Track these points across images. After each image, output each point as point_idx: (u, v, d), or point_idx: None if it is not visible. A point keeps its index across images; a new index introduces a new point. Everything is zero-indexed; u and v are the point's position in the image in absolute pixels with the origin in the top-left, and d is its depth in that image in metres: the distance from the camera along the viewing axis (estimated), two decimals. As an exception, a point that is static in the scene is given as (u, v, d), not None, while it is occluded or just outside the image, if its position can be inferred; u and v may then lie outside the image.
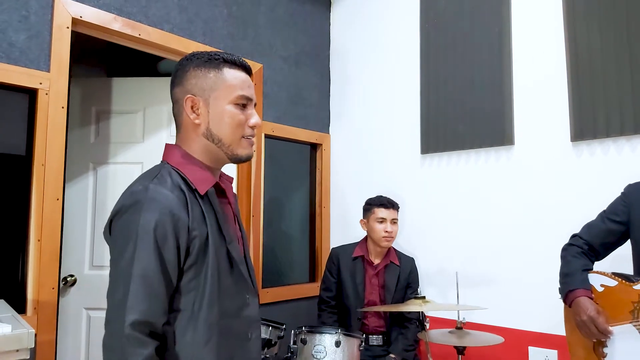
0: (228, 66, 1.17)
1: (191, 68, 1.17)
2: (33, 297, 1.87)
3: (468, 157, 2.58)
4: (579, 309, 1.61)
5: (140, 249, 1.01)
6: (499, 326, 2.33)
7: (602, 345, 1.60)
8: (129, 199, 1.06)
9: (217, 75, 1.15)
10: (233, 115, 1.15)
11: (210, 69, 1.16)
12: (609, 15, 2.13)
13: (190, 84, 1.16)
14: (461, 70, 2.61)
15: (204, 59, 1.17)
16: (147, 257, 1.01)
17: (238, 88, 1.16)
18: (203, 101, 1.15)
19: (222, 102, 1.15)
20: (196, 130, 1.16)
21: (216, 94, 1.15)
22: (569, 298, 1.66)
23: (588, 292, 1.63)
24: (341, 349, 1.86)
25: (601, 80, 2.13)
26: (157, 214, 1.03)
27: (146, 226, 1.02)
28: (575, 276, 1.68)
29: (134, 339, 0.98)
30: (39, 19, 1.93)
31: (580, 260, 1.71)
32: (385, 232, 2.44)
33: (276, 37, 2.93)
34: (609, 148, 2.13)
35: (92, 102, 2.72)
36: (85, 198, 2.66)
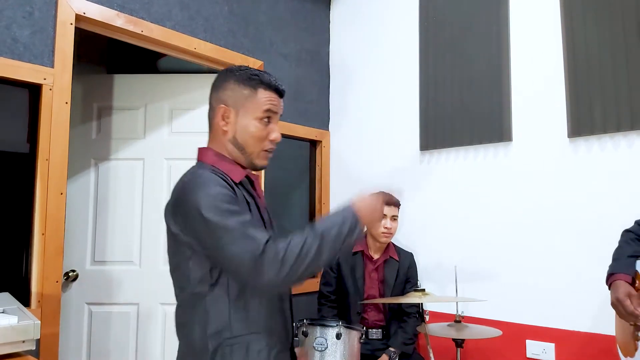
0: (263, 87, 1.30)
1: (231, 80, 1.31)
2: (37, 290, 1.89)
3: (467, 154, 2.61)
4: (613, 290, 1.64)
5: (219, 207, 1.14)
6: (497, 320, 2.37)
7: (638, 329, 1.62)
8: (186, 186, 1.21)
9: (251, 94, 1.29)
10: (257, 129, 1.29)
11: (247, 86, 1.29)
12: (605, 13, 2.16)
13: (226, 94, 1.30)
14: (459, 67, 2.64)
15: (245, 76, 1.30)
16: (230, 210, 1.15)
17: (264, 105, 1.29)
18: (234, 112, 1.29)
19: (249, 117, 1.29)
20: (224, 136, 1.30)
21: (246, 109, 1.29)
22: (609, 280, 1.69)
23: (627, 277, 1.65)
24: (342, 341, 1.89)
25: (598, 77, 2.16)
26: (218, 186, 1.18)
27: (212, 195, 1.15)
28: (620, 261, 1.71)
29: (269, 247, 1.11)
30: (43, 15, 1.95)
31: (631, 246, 1.73)
32: (385, 228, 2.47)
33: (277, 34, 2.95)
34: (606, 144, 2.16)
35: (94, 98, 2.74)
36: (87, 194, 2.67)
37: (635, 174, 2.07)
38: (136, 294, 2.63)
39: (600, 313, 2.07)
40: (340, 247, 1.18)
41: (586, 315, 2.15)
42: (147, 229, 2.67)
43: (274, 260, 1.10)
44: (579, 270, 2.17)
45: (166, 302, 2.63)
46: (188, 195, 1.17)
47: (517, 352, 2.34)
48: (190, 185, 1.19)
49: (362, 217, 1.23)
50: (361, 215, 1.23)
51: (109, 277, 2.63)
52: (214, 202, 1.14)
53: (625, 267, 1.68)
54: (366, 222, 1.25)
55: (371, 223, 1.29)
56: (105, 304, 2.63)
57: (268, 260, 1.09)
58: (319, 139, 3.22)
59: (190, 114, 2.76)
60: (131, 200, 2.69)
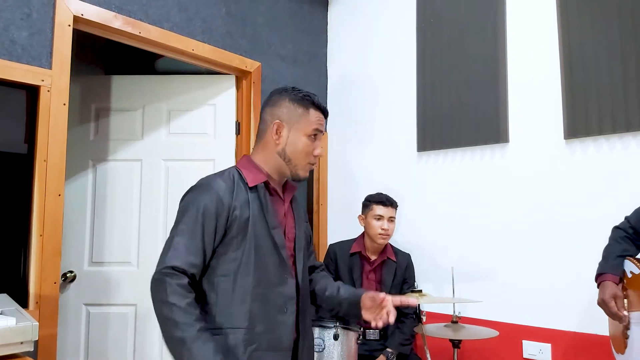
0: (314, 108, 1.47)
1: (287, 99, 1.47)
2: (35, 292, 1.90)
3: (464, 155, 2.62)
4: (601, 290, 1.68)
5: (186, 218, 1.34)
6: (494, 320, 2.38)
7: (626, 327, 1.66)
8: (195, 184, 1.42)
9: (304, 113, 1.46)
10: (306, 144, 1.46)
11: (300, 105, 1.46)
12: (601, 17, 2.18)
13: (281, 111, 1.46)
14: (457, 69, 2.65)
15: (299, 96, 1.47)
16: (191, 224, 1.32)
17: (314, 124, 1.47)
18: (287, 128, 1.45)
19: (300, 133, 1.45)
20: (274, 148, 1.46)
21: (298, 126, 1.45)
22: (598, 280, 1.73)
23: (615, 277, 1.69)
24: (339, 342, 1.90)
25: (594, 79, 2.18)
26: (208, 195, 1.35)
27: (198, 203, 1.34)
28: (609, 260, 1.74)
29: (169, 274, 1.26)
30: (41, 17, 1.96)
31: (620, 244, 1.76)
32: (382, 229, 2.48)
33: (274, 35, 2.96)
34: (602, 146, 2.18)
35: (92, 99, 2.74)
36: (85, 195, 2.68)
37: (631, 175, 2.08)
38: (134, 295, 2.63)
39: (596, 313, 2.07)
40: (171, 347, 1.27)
41: (582, 316, 2.16)
42: (145, 229, 2.68)
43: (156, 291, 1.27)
44: (575, 271, 2.18)
45: (164, 303, 2.64)
46: (187, 193, 1.41)
47: (514, 353, 2.35)
48: (195, 185, 1.41)
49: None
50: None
51: (107, 278, 2.63)
52: (191, 206, 1.35)
53: (613, 267, 1.71)
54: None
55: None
56: (103, 305, 2.63)
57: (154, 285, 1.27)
58: (316, 140, 3.22)
59: (188, 115, 2.77)
60: (129, 201, 2.69)
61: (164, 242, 2.80)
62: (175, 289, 1.24)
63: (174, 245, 1.30)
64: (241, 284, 1.34)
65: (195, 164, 2.72)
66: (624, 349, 1.66)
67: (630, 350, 1.62)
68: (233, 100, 2.79)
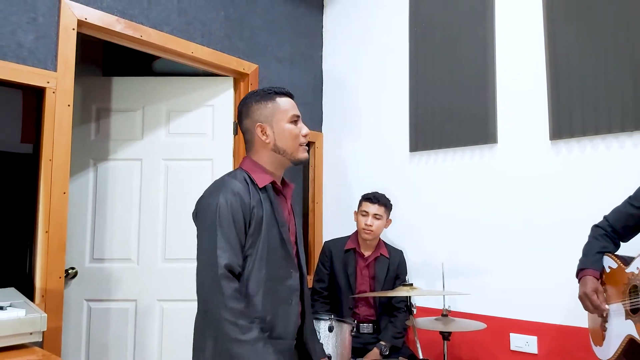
0: (279, 97, 1.58)
1: (253, 103, 1.58)
2: (41, 286, 1.96)
3: (454, 155, 2.71)
4: (582, 285, 1.77)
5: (221, 218, 1.40)
6: (482, 314, 2.46)
7: (604, 320, 1.74)
8: (211, 187, 1.49)
9: (274, 105, 1.56)
10: (291, 130, 1.56)
11: (267, 101, 1.56)
12: (586, 23, 2.27)
13: (256, 115, 1.57)
14: (448, 72, 2.73)
15: (261, 95, 1.58)
16: (227, 224, 1.40)
17: (290, 110, 1.57)
18: (268, 125, 1.55)
19: (282, 123, 1.55)
20: (266, 147, 1.56)
21: (276, 118, 1.55)
22: (579, 275, 1.82)
23: (595, 272, 1.77)
24: (334, 334, 1.98)
25: (578, 83, 2.27)
26: (230, 195, 1.43)
27: (223, 204, 1.41)
28: (589, 257, 1.83)
29: (225, 277, 1.35)
30: (46, 21, 2.03)
31: (599, 242, 1.84)
32: (365, 224, 2.56)
33: (271, 38, 3.04)
34: (586, 146, 2.26)
35: (93, 100, 2.80)
36: (86, 193, 2.73)
37: (613, 174, 2.17)
38: (134, 291, 2.70)
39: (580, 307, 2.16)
40: None
41: (566, 310, 2.24)
42: (145, 227, 2.74)
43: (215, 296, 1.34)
44: (559, 267, 2.26)
45: (163, 299, 2.70)
46: (207, 196, 1.47)
47: (502, 345, 2.44)
48: (213, 187, 1.48)
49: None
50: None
51: (108, 274, 2.70)
52: (217, 208, 1.40)
53: (593, 263, 1.79)
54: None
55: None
56: (104, 301, 2.69)
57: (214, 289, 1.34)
58: (312, 140, 3.30)
59: (187, 116, 2.83)
60: (129, 199, 2.75)
61: (163, 239, 2.88)
62: (232, 294, 1.34)
63: (220, 246, 1.37)
64: (255, 279, 1.43)
65: (194, 163, 2.79)
66: (602, 341, 1.75)
67: (608, 341, 1.71)
68: (231, 101, 2.85)
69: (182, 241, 2.71)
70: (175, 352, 2.66)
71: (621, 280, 1.67)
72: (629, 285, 1.62)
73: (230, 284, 1.35)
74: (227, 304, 1.32)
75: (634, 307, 1.58)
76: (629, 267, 1.66)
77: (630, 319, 1.59)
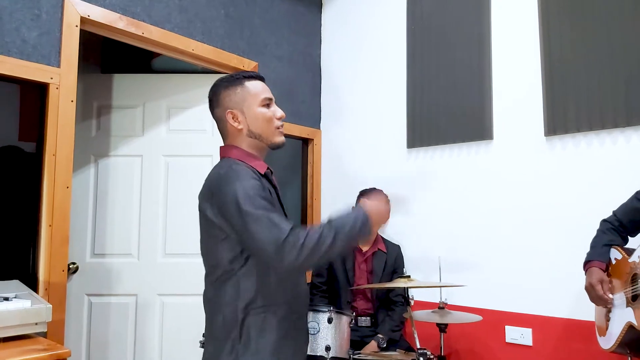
0: (247, 80, 1.51)
1: (222, 90, 1.51)
2: (44, 279, 1.99)
3: (451, 151, 2.75)
4: (588, 276, 1.81)
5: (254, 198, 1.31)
6: (478, 307, 2.51)
7: (609, 311, 1.78)
8: (222, 177, 1.37)
9: (242, 90, 1.49)
10: (264, 114, 1.49)
11: (236, 86, 1.49)
12: (580, 22, 2.31)
13: (226, 102, 1.49)
14: (444, 69, 2.78)
15: (229, 81, 1.51)
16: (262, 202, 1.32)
17: (260, 93, 1.50)
18: (239, 111, 1.48)
19: (253, 108, 1.48)
20: (241, 134, 1.49)
21: (247, 103, 1.48)
22: (586, 267, 1.86)
23: (601, 264, 1.81)
24: (333, 325, 2.01)
25: (572, 80, 2.31)
26: (249, 179, 1.35)
27: (247, 186, 1.32)
28: (596, 249, 1.86)
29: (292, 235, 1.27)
30: (50, 18, 2.06)
31: (607, 235, 1.88)
32: None
33: (270, 36, 3.07)
34: (580, 142, 2.31)
35: (94, 97, 2.83)
36: (87, 189, 2.76)
37: (606, 170, 2.22)
38: (134, 286, 2.73)
39: (574, 300, 2.21)
40: (351, 242, 1.35)
41: (560, 302, 2.29)
42: (146, 222, 2.77)
43: (294, 247, 1.25)
44: (554, 261, 2.31)
45: (163, 293, 2.74)
46: (225, 186, 1.34)
47: (497, 337, 2.48)
48: (227, 177, 1.36)
49: (372, 218, 1.38)
50: (371, 216, 1.38)
51: (109, 269, 2.73)
52: (248, 193, 1.31)
53: (600, 255, 1.83)
54: (375, 222, 1.40)
55: (378, 224, 1.44)
56: (104, 295, 2.72)
57: (288, 248, 1.25)
58: (311, 137, 3.34)
59: (187, 113, 2.87)
60: (130, 195, 2.78)
61: (164, 234, 2.91)
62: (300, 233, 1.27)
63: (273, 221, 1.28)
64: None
65: (194, 159, 2.82)
66: (605, 331, 1.79)
67: (610, 330, 1.75)
68: (230, 98, 2.88)
69: (182, 236, 2.74)
70: (175, 346, 2.69)
71: (624, 270, 1.72)
72: (631, 274, 1.67)
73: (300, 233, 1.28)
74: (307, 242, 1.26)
75: (634, 294, 1.62)
76: (631, 257, 1.70)
77: (630, 307, 1.63)
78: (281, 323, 1.40)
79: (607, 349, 1.77)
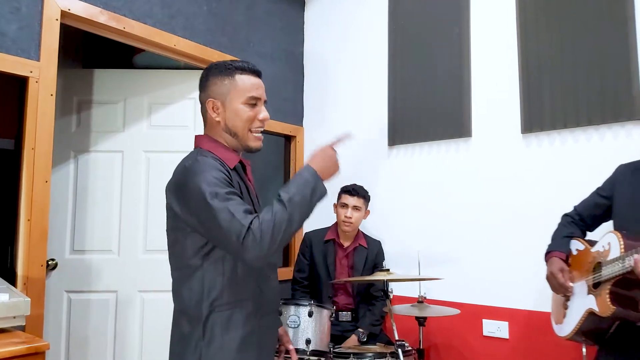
0: (239, 73, 1.42)
1: (211, 77, 1.44)
2: (23, 274, 1.97)
3: (430, 149, 2.80)
4: (549, 266, 1.88)
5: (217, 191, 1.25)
6: (456, 302, 2.55)
7: (567, 299, 1.84)
8: (187, 170, 1.32)
9: (230, 82, 1.42)
10: (243, 112, 1.41)
11: (225, 76, 1.42)
12: (556, 22, 2.38)
13: (210, 90, 1.43)
14: (425, 68, 2.82)
15: (220, 69, 1.43)
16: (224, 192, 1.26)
17: (248, 90, 1.42)
18: (221, 103, 1.42)
19: (235, 103, 1.41)
20: (218, 126, 1.43)
21: (230, 97, 1.41)
22: (547, 257, 1.92)
23: (562, 254, 1.87)
24: (313, 318, 2.04)
25: (548, 79, 2.37)
26: (213, 171, 1.29)
27: (211, 179, 1.27)
28: (556, 241, 1.94)
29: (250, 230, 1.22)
30: (30, 11, 2.04)
31: (567, 228, 1.95)
32: (345, 217, 2.63)
33: (254, 34, 3.08)
34: (555, 139, 2.37)
35: (74, 92, 2.80)
36: (67, 185, 2.73)
37: (580, 166, 2.28)
38: (115, 282, 2.71)
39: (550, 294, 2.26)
40: (308, 208, 1.32)
41: (536, 296, 2.35)
42: (126, 219, 2.76)
43: (254, 240, 1.21)
44: (529, 255, 2.36)
45: (144, 290, 2.73)
46: (191, 178, 1.29)
47: (475, 331, 2.53)
48: (193, 169, 1.31)
49: (321, 173, 1.35)
50: (320, 172, 1.35)
51: (88, 265, 2.71)
52: (211, 185, 1.26)
53: (560, 245, 1.90)
54: (326, 175, 1.37)
55: (331, 174, 1.39)
56: (84, 292, 2.70)
57: (250, 242, 1.21)
58: (293, 134, 3.36)
59: (169, 109, 2.86)
60: (110, 191, 2.76)
61: (144, 230, 2.89)
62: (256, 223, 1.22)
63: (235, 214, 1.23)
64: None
65: (176, 155, 2.73)
66: (562, 318, 1.85)
67: (568, 318, 1.81)
68: (213, 94, 2.88)
69: (163, 233, 2.69)
70: (155, 342, 2.68)
71: (587, 259, 1.78)
72: (594, 263, 1.73)
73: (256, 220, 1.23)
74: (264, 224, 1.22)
75: (596, 281, 1.68)
76: (594, 247, 1.77)
77: (591, 294, 1.69)
78: (249, 319, 1.36)
79: (564, 336, 1.84)
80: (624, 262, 1.52)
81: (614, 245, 1.62)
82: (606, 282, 1.62)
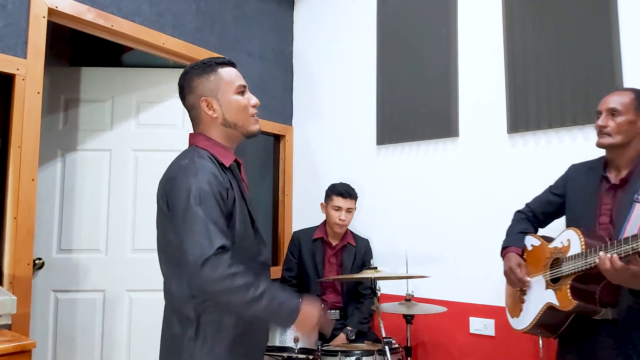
0: (220, 67, 1.46)
1: (194, 77, 1.45)
2: (9, 272, 1.96)
3: (418, 148, 2.82)
4: (506, 261, 1.93)
5: (204, 200, 1.27)
6: (444, 300, 2.58)
7: (523, 293, 1.88)
8: (182, 169, 1.34)
9: (216, 77, 1.45)
10: (239, 102, 1.45)
11: (209, 73, 1.45)
12: (542, 25, 2.41)
13: (199, 89, 1.44)
14: (413, 69, 2.85)
15: (201, 68, 1.46)
16: (212, 207, 1.28)
17: (234, 81, 1.46)
18: (214, 99, 1.43)
19: (228, 95, 1.44)
20: (215, 122, 1.45)
21: (222, 91, 1.44)
22: (503, 253, 1.97)
23: (518, 250, 1.93)
24: (302, 316, 2.05)
25: (534, 80, 2.41)
26: (207, 176, 1.31)
27: (206, 184, 1.29)
28: (511, 236, 1.99)
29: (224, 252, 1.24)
30: (16, 8, 2.02)
31: (521, 224, 2.01)
32: (339, 219, 2.65)
33: (242, 32, 3.08)
34: (540, 139, 2.41)
35: (61, 90, 2.78)
36: (54, 184, 2.71)
37: (565, 165, 2.29)
38: (102, 281, 2.70)
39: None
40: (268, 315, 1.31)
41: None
42: (114, 217, 2.74)
43: (213, 270, 1.20)
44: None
45: (132, 289, 2.72)
46: (183, 176, 1.31)
47: (462, 328, 2.56)
48: (186, 169, 1.33)
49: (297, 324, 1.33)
50: (297, 322, 1.33)
51: (75, 265, 2.69)
52: (200, 192, 1.27)
53: (515, 241, 1.96)
54: (297, 328, 1.36)
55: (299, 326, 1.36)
56: (71, 291, 2.68)
57: (208, 266, 1.20)
58: (282, 133, 3.36)
59: (157, 107, 2.84)
60: (98, 190, 2.75)
61: (132, 229, 2.87)
62: (231, 263, 1.23)
63: (209, 230, 1.24)
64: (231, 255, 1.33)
65: (164, 154, 2.76)
66: (519, 312, 1.89)
67: (525, 311, 1.85)
68: (201, 93, 2.88)
69: (152, 231, 2.67)
70: (143, 341, 2.67)
71: (544, 255, 1.82)
72: (552, 259, 1.77)
73: (226, 255, 1.23)
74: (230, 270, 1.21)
75: (555, 277, 1.72)
76: (552, 243, 1.81)
77: (550, 288, 1.73)
78: (239, 321, 1.36)
79: (520, 330, 1.88)
80: (587, 258, 1.56)
81: (574, 241, 1.66)
82: (566, 278, 1.66)
